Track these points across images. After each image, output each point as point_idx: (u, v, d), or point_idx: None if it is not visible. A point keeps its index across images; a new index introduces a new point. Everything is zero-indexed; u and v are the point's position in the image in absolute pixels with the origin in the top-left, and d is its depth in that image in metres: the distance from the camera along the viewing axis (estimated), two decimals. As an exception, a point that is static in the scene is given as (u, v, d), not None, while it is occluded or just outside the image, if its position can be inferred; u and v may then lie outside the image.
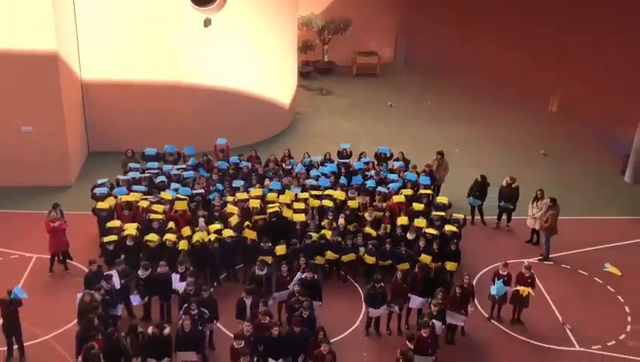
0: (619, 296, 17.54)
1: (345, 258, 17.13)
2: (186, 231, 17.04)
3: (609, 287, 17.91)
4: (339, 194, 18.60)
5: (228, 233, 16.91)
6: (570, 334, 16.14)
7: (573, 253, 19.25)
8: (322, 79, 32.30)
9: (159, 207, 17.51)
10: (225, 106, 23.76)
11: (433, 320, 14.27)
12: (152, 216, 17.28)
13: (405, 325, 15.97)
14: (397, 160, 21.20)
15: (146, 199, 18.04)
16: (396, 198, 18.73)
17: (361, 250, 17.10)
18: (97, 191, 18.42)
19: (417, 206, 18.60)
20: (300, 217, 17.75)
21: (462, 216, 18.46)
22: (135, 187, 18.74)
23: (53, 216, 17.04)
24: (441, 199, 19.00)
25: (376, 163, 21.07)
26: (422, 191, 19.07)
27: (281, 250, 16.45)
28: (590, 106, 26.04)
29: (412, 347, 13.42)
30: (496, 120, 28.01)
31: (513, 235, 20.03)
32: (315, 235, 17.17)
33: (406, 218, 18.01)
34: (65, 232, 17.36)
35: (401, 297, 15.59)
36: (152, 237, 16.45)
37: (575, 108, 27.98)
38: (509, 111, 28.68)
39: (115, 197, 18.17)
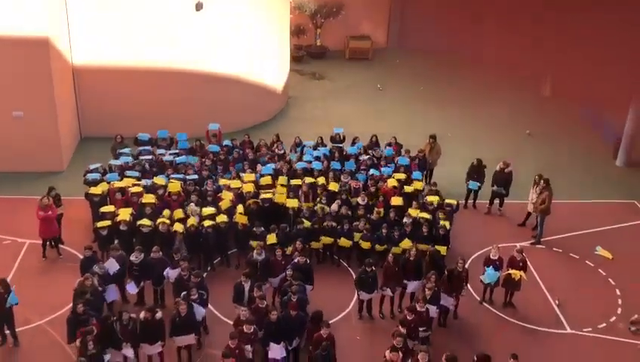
0: (610, 279, 17.68)
1: (341, 242, 17.18)
2: (178, 213, 17.05)
3: (600, 271, 18.05)
4: (333, 186, 18.59)
5: (222, 218, 16.93)
6: (561, 316, 16.28)
7: (565, 236, 19.36)
8: (315, 63, 32.19)
9: (150, 197, 17.45)
10: (217, 91, 23.67)
11: (427, 305, 14.35)
12: (145, 200, 17.26)
13: (398, 308, 16.06)
14: (389, 144, 21.21)
15: (138, 185, 18.01)
16: (390, 183, 18.78)
17: (357, 235, 17.15)
18: (90, 176, 18.39)
19: (408, 188, 18.66)
20: (293, 203, 17.77)
21: (454, 202, 18.48)
22: (128, 172, 18.72)
23: (45, 203, 16.99)
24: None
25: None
26: (415, 183, 19.04)
27: (271, 238, 16.47)
28: (583, 90, 26.07)
29: (404, 331, 13.49)
30: (489, 102, 28.02)
31: (505, 219, 20.13)
32: (307, 222, 17.21)
33: (400, 198, 18.06)
34: (60, 218, 17.36)
35: (394, 281, 15.67)
36: (146, 221, 16.44)
37: (568, 92, 28.02)
38: (502, 94, 28.68)
39: (108, 182, 18.13)
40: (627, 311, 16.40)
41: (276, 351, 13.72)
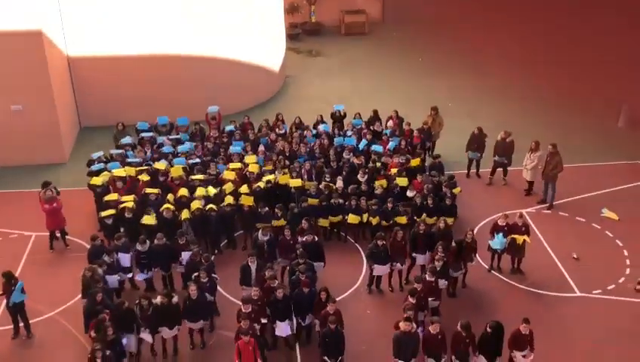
0: (617, 241, 17.68)
1: (350, 219, 17.19)
2: (183, 191, 17.09)
3: (607, 232, 18.04)
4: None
5: (228, 200, 16.94)
6: (570, 280, 16.30)
7: (570, 200, 19.35)
8: (311, 40, 31.98)
9: (153, 191, 17.41)
10: (214, 74, 23.55)
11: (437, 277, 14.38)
12: (148, 190, 17.27)
13: (405, 281, 16.11)
14: (390, 118, 21.15)
15: (141, 172, 18.01)
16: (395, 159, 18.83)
17: (364, 216, 17.16)
18: (93, 167, 18.38)
19: (414, 162, 18.65)
20: (297, 182, 17.76)
21: (458, 190, 18.24)
22: (130, 158, 18.73)
23: (50, 196, 17.01)
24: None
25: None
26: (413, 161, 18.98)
27: (279, 223, 16.54)
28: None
29: (414, 302, 13.54)
30: (488, 71, 27.87)
31: (510, 187, 20.09)
32: (312, 200, 17.22)
33: (405, 179, 18.04)
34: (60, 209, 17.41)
35: (401, 255, 15.69)
36: (149, 219, 16.37)
37: (568, 58, 27.93)
38: (501, 63, 28.53)
39: (110, 171, 18.12)
40: (636, 272, 16.40)
41: (282, 328, 13.81)
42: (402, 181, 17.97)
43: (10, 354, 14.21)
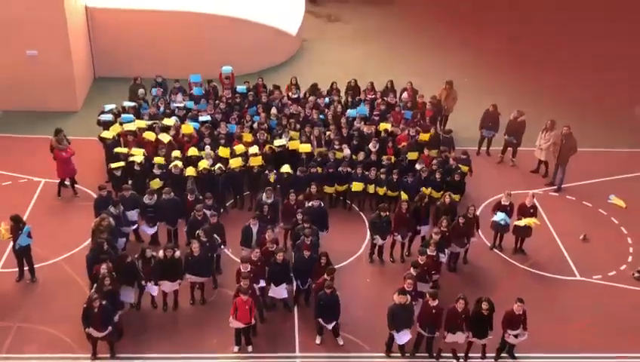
0: (622, 228, 17.68)
1: (354, 187, 17.23)
2: (193, 151, 17.15)
3: (613, 219, 18.02)
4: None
5: (237, 163, 17.00)
6: (571, 263, 16.35)
7: (579, 184, 19.29)
8: (330, 5, 31.53)
9: (165, 136, 17.54)
10: (230, 34, 23.42)
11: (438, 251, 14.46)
12: (161, 138, 17.42)
13: (406, 252, 16.19)
14: (404, 90, 21.03)
15: (151, 128, 18.06)
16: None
17: (370, 187, 17.19)
18: (102, 117, 18.45)
19: (423, 136, 18.62)
20: (306, 148, 17.76)
21: (465, 168, 18.11)
22: (142, 112, 18.81)
23: (65, 145, 17.11)
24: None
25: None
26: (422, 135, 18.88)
27: (285, 168, 16.74)
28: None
29: (415, 274, 13.64)
30: (508, 48, 27.59)
31: (518, 166, 20.02)
32: (319, 168, 17.26)
33: (416, 153, 18.01)
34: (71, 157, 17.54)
35: (405, 227, 15.74)
36: (160, 159, 16.55)
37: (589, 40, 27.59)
38: (524, 41, 28.21)
39: (121, 123, 18.18)
40: (638, 260, 16.42)
41: (277, 291, 13.98)
42: (412, 155, 17.95)
43: (13, 296, 14.46)
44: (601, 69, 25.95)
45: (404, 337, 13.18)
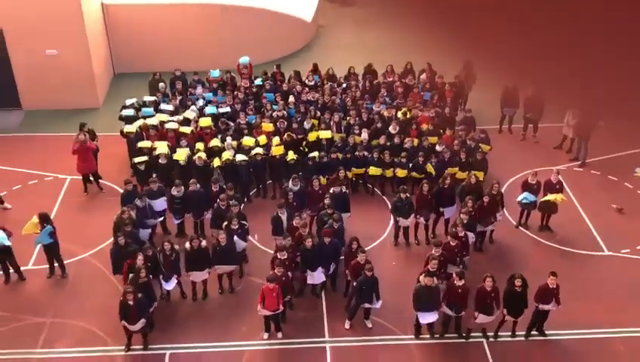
0: (649, 201, 17.51)
1: (371, 171, 17.23)
2: (215, 142, 17.30)
3: (639, 192, 17.82)
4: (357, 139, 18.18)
5: (258, 151, 17.08)
6: (599, 238, 16.21)
7: (604, 158, 19.10)
8: (345, -10, 31.41)
9: (186, 129, 17.68)
10: (246, 23, 23.44)
11: (464, 231, 14.42)
12: (182, 130, 17.60)
13: (431, 234, 16.17)
14: (423, 71, 20.92)
15: (171, 121, 18.18)
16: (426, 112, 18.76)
17: (388, 171, 17.19)
18: (124, 112, 18.62)
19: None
20: (327, 134, 17.77)
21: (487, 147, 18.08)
22: (163, 106, 18.90)
23: (81, 139, 17.29)
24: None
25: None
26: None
27: (314, 154, 16.88)
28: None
29: (439, 255, 13.62)
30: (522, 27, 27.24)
31: (541, 143, 19.86)
32: (339, 154, 17.27)
33: (435, 138, 17.95)
34: (96, 152, 17.71)
35: (426, 208, 15.71)
36: (180, 155, 16.68)
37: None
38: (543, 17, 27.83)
39: (143, 117, 18.33)
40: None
41: (315, 276, 14.04)
42: (432, 139, 17.90)
43: (45, 293, 14.72)
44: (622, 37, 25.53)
45: (429, 317, 13.21)
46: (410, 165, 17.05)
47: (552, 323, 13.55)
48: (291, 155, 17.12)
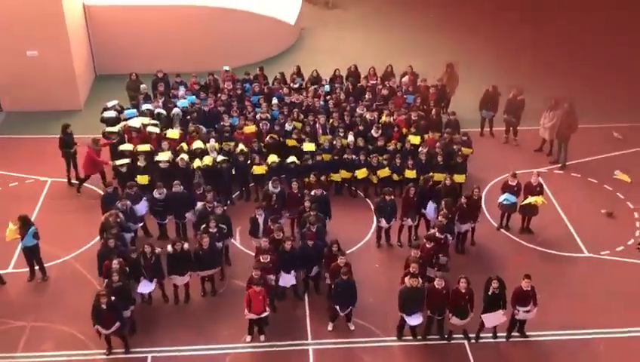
0: (628, 203, 17.67)
1: (359, 173, 17.27)
2: (198, 143, 17.27)
3: (618, 194, 18.02)
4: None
5: (240, 148, 17.09)
6: (579, 240, 16.36)
7: (583, 161, 19.29)
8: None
9: (174, 133, 17.63)
10: (229, 25, 23.42)
11: (446, 234, 14.52)
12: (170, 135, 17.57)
13: (414, 236, 16.24)
14: (405, 74, 21.01)
15: (155, 124, 18.11)
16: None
17: (374, 178, 17.28)
18: (106, 114, 18.51)
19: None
20: (310, 147, 17.67)
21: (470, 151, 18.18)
22: (144, 106, 18.83)
23: (100, 145, 17.27)
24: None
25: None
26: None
27: (271, 158, 16.96)
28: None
29: (417, 255, 13.69)
30: (504, 31, 27.50)
31: (522, 146, 20.01)
32: (326, 155, 17.30)
33: (418, 137, 18.02)
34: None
35: (413, 210, 15.78)
36: (163, 156, 16.62)
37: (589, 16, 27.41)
38: (524, 22, 28.12)
39: (126, 119, 18.24)
40: (646, 234, 16.48)
41: (286, 279, 14.06)
42: (415, 139, 17.97)
43: (26, 296, 14.57)
44: (603, 44, 25.85)
45: (415, 319, 13.27)
46: (388, 168, 17.13)
47: (533, 325, 13.65)
48: (272, 158, 17.12)
